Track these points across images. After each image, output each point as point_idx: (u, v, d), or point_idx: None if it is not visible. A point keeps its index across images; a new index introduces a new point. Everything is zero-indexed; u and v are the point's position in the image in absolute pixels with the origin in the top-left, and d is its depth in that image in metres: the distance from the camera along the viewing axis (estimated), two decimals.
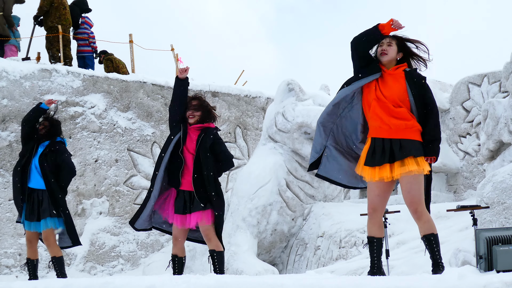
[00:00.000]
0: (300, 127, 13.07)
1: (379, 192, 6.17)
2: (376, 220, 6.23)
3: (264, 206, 12.86)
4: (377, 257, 6.30)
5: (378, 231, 6.26)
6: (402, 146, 6.05)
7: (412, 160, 6.02)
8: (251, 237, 12.78)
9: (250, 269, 11.99)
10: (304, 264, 12.81)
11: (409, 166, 6.00)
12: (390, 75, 6.29)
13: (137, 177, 14.85)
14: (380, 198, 6.19)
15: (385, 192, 6.19)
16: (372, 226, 6.26)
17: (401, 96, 6.17)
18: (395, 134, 6.08)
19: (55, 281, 5.87)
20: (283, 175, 13.04)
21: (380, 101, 6.15)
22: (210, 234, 7.36)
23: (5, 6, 15.20)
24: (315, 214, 13.07)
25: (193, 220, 7.31)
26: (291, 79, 13.47)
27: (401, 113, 6.11)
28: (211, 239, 7.38)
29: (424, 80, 6.25)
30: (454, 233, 10.92)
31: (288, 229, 13.14)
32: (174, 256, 7.44)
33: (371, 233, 6.27)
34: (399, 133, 6.08)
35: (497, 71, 14.56)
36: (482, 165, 14.31)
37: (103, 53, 16.73)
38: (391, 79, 6.26)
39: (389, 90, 6.21)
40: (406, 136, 6.06)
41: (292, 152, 13.21)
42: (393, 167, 6.07)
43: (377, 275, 6.18)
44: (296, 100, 13.27)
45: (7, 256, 13.40)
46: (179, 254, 7.45)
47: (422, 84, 6.18)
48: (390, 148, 6.08)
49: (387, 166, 6.07)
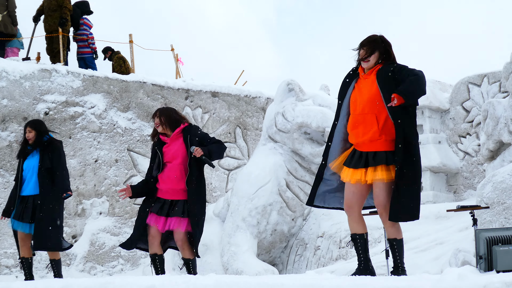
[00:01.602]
0: (300, 127, 13.06)
1: (354, 190, 6.27)
2: (354, 216, 6.30)
3: (264, 206, 12.86)
4: (363, 254, 6.32)
5: (359, 227, 6.31)
6: (375, 155, 6.18)
7: (383, 168, 6.16)
8: (251, 237, 12.78)
9: (250, 269, 12.00)
10: (304, 264, 12.81)
11: (381, 174, 6.15)
12: (364, 79, 6.32)
13: (137, 177, 14.85)
14: (356, 196, 6.28)
15: (361, 191, 6.28)
16: (352, 223, 6.33)
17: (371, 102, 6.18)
18: (367, 148, 6.22)
19: (55, 281, 5.87)
20: (283, 175, 13.04)
21: (352, 114, 6.30)
22: (184, 243, 7.42)
23: (9, 4, 15.21)
24: (315, 214, 13.07)
25: (171, 224, 7.38)
26: (291, 79, 13.47)
27: (368, 123, 6.19)
28: (185, 248, 7.44)
29: (392, 68, 6.19)
30: (454, 233, 10.93)
31: (288, 229, 13.14)
32: (154, 255, 7.47)
33: (353, 230, 6.33)
34: (369, 147, 6.21)
35: (497, 71, 14.55)
36: (482, 165, 14.31)
37: (109, 50, 16.74)
38: (364, 84, 6.29)
39: (360, 97, 6.27)
40: (375, 149, 6.18)
41: (292, 152, 13.21)
42: (367, 172, 6.20)
43: (364, 274, 6.18)
44: (296, 100, 13.27)
45: (7, 256, 13.40)
46: (158, 252, 7.48)
47: (389, 76, 6.17)
48: (366, 155, 6.21)
49: (362, 170, 6.20)
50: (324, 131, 12.78)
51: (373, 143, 6.21)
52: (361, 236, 6.29)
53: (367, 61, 6.30)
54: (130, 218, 14.53)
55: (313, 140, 13.14)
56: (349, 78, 6.41)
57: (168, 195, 7.43)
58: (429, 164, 14.45)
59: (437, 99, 15.11)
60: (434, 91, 15.19)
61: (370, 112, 6.21)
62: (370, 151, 6.21)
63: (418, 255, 10.07)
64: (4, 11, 15.12)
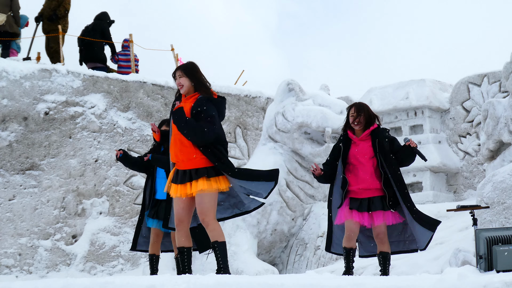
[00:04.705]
0: (300, 127, 13.07)
1: (183, 206, 6.70)
2: (183, 231, 6.74)
3: (264, 206, 12.86)
4: (187, 266, 6.73)
5: (186, 241, 6.76)
6: (197, 171, 6.66)
7: (204, 181, 6.60)
8: (251, 237, 12.79)
9: (250, 269, 12.00)
10: (304, 264, 12.81)
11: (201, 186, 6.60)
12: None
13: (137, 177, 14.85)
14: (185, 211, 6.71)
15: (190, 205, 6.71)
16: (180, 237, 6.75)
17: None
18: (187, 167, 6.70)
19: (55, 281, 5.87)
20: (283, 175, 13.04)
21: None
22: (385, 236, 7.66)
23: (12, 4, 15.24)
24: (315, 214, 13.07)
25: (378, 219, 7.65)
26: (291, 79, 13.48)
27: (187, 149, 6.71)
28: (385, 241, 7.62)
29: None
30: (454, 233, 10.93)
31: (288, 229, 13.14)
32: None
33: (180, 244, 6.75)
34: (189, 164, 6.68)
35: (497, 71, 14.55)
36: (482, 165, 14.31)
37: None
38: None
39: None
40: (195, 166, 6.64)
41: (292, 152, 13.21)
42: (191, 185, 6.66)
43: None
44: (296, 100, 13.27)
45: (7, 256, 13.40)
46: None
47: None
48: (189, 172, 6.69)
49: (187, 185, 6.65)
50: (324, 131, 12.79)
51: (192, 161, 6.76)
52: (188, 249, 6.77)
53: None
54: (130, 218, 14.54)
55: (313, 140, 13.14)
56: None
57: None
58: (429, 164, 14.45)
59: (437, 99, 15.11)
60: (434, 91, 15.19)
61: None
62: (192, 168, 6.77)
63: (418, 255, 10.06)
64: (8, 12, 15.17)
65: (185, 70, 6.80)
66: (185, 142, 6.64)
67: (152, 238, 8.48)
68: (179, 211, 6.68)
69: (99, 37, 16.06)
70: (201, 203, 6.60)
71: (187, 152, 6.64)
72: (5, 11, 15.11)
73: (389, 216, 7.43)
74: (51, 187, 13.99)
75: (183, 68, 6.84)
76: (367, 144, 7.43)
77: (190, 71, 6.80)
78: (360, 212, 7.37)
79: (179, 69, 6.85)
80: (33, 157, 13.92)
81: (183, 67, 6.85)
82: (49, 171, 14.01)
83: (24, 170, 13.84)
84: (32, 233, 13.61)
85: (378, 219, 7.39)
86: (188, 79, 6.77)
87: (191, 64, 6.90)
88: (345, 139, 7.52)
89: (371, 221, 7.42)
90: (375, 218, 7.40)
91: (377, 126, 7.53)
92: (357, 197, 7.42)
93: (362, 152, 7.42)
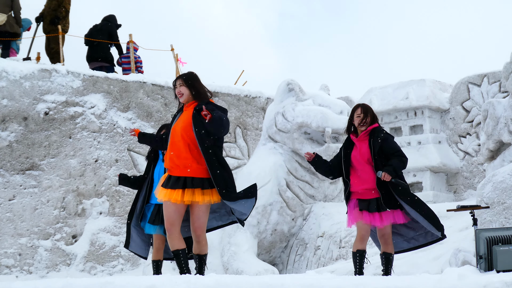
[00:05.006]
0: (300, 127, 13.07)
1: (174, 208, 6.72)
2: (175, 233, 6.76)
3: (264, 206, 12.87)
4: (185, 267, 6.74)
5: (179, 243, 6.77)
6: (193, 180, 6.70)
7: (199, 192, 6.69)
8: (251, 237, 12.79)
9: (250, 269, 12.00)
10: (304, 264, 12.81)
11: (197, 197, 6.67)
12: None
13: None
14: (176, 214, 6.73)
15: (181, 210, 6.73)
16: (172, 240, 6.77)
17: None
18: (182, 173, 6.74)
19: (55, 281, 5.88)
20: (283, 175, 13.04)
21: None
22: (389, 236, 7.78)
23: (13, 4, 15.23)
24: (315, 214, 13.07)
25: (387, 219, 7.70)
26: (291, 79, 13.48)
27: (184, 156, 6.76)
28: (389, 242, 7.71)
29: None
30: (454, 233, 10.92)
31: (288, 229, 13.14)
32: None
33: (173, 247, 6.76)
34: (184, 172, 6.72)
35: (497, 71, 14.55)
36: (482, 165, 14.31)
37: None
38: None
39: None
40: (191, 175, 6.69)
41: (292, 152, 13.21)
42: (184, 193, 6.68)
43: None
44: (296, 100, 13.27)
45: (7, 256, 13.40)
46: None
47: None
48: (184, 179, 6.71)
49: (179, 191, 6.68)
50: (324, 131, 12.79)
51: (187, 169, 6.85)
52: (183, 251, 6.78)
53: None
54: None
55: (313, 140, 13.14)
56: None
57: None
58: (429, 164, 14.45)
59: (437, 99, 15.10)
60: (434, 91, 15.19)
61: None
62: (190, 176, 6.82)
63: (418, 255, 10.07)
64: (9, 12, 15.17)
65: (185, 80, 7.00)
66: (183, 149, 6.74)
67: (157, 244, 8.31)
68: (170, 214, 6.72)
69: (106, 38, 16.10)
70: (199, 218, 6.72)
71: (184, 158, 6.73)
72: (5, 11, 15.11)
73: (400, 214, 7.47)
74: (51, 187, 13.99)
75: (183, 77, 7.04)
76: (365, 144, 7.49)
77: (190, 81, 7.01)
78: (371, 213, 7.46)
79: (179, 78, 7.05)
80: (33, 157, 13.92)
81: (183, 77, 7.05)
82: (49, 171, 14.01)
83: (24, 170, 13.84)
84: (32, 233, 13.61)
85: (388, 219, 7.47)
86: (187, 88, 6.98)
87: (191, 74, 7.11)
88: (347, 143, 7.61)
89: (381, 221, 7.48)
90: (385, 218, 7.47)
91: (377, 126, 7.59)
92: (364, 198, 7.46)
93: (361, 154, 7.48)
